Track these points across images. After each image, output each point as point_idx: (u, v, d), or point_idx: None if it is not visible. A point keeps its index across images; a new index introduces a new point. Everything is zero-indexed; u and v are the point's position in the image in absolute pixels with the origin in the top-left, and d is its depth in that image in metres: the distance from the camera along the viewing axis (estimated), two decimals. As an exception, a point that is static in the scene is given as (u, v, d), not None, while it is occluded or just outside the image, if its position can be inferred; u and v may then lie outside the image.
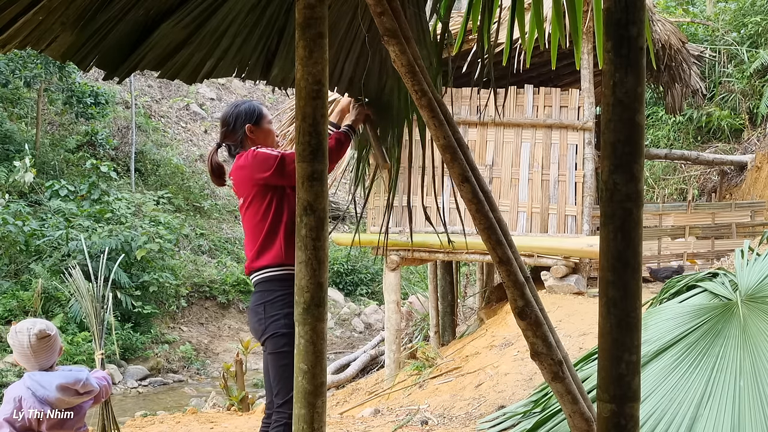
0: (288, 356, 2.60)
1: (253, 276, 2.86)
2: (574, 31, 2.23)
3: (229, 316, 14.87)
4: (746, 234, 8.33)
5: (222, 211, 18.21)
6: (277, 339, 2.72)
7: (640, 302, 1.15)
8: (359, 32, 2.62)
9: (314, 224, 1.43)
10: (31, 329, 2.62)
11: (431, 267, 9.67)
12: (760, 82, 12.75)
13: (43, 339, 2.63)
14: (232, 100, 22.25)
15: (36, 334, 2.61)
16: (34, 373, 2.63)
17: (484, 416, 4.70)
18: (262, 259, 2.82)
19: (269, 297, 2.77)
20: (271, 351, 2.75)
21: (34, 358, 2.62)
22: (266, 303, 2.77)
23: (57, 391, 2.58)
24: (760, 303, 3.26)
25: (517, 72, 6.53)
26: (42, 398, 2.58)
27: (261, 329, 2.78)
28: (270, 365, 2.78)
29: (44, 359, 2.65)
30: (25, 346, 2.61)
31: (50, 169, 15.46)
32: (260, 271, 2.82)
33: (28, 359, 2.63)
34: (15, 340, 2.63)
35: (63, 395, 2.59)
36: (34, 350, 2.61)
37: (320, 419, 1.42)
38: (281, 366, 2.70)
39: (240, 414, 5.85)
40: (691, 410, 2.89)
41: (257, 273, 2.83)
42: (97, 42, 2.01)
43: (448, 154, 1.97)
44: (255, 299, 2.85)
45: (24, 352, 2.62)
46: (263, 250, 2.82)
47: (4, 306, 11.21)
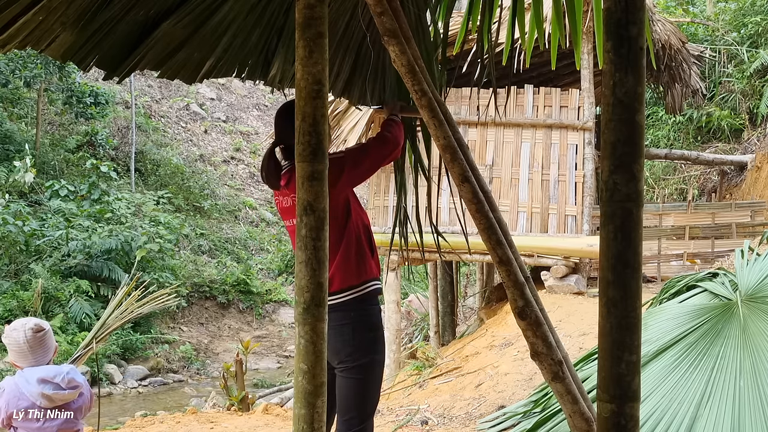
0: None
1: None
2: (574, 31, 2.23)
3: (229, 316, 14.87)
4: (746, 234, 8.33)
5: (222, 211, 18.21)
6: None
7: (640, 302, 1.15)
8: (357, 32, 2.62)
9: (314, 224, 1.43)
10: (25, 324, 2.67)
11: (431, 267, 9.68)
12: (760, 82, 12.75)
13: (38, 333, 2.66)
14: (232, 100, 22.28)
15: (31, 328, 2.66)
16: (24, 369, 2.65)
17: (484, 416, 4.70)
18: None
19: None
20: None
21: (30, 353, 2.65)
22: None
23: (38, 385, 2.59)
24: (760, 303, 3.26)
25: (517, 72, 6.53)
26: (27, 393, 2.59)
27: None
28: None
29: (40, 354, 2.67)
30: (20, 342, 2.64)
31: (50, 169, 15.46)
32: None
33: (24, 355, 2.65)
34: (10, 338, 2.66)
35: (44, 389, 2.60)
36: (30, 345, 2.64)
37: (320, 419, 1.42)
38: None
39: (240, 414, 5.85)
40: (691, 410, 2.89)
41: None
42: (97, 42, 2.00)
43: (448, 154, 1.98)
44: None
45: (20, 348, 2.65)
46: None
47: (4, 306, 11.21)
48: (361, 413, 2.58)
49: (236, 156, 20.72)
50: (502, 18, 4.15)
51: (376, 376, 2.63)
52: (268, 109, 22.65)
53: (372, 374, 2.60)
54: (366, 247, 2.64)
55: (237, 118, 21.99)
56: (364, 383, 2.58)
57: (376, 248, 2.74)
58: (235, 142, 21.07)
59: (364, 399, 2.59)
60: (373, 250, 2.68)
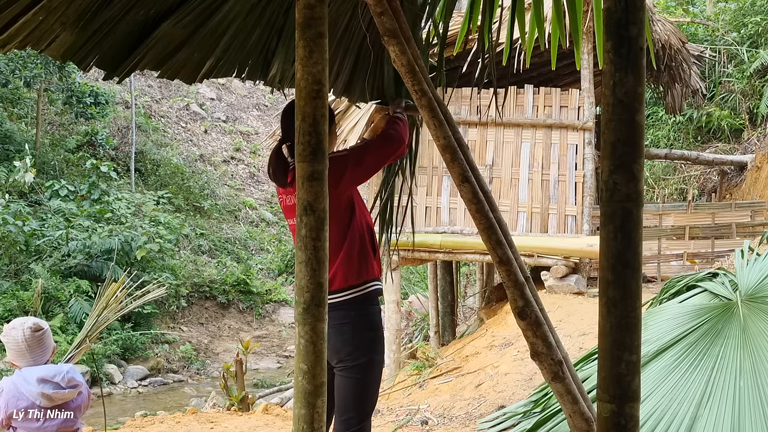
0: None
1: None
2: (574, 31, 2.23)
3: (229, 316, 14.87)
4: (746, 234, 8.33)
5: (222, 211, 18.21)
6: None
7: (640, 302, 1.15)
8: (357, 32, 2.62)
9: (314, 224, 1.43)
10: (24, 323, 2.69)
11: (431, 267, 9.67)
12: (760, 82, 12.75)
13: (36, 332, 2.67)
14: (232, 100, 22.27)
15: (30, 327, 2.67)
16: (23, 369, 2.66)
17: (484, 416, 4.70)
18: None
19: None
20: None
21: (29, 352, 2.65)
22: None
23: (38, 384, 2.60)
24: (760, 303, 3.25)
25: (517, 72, 6.53)
26: (26, 393, 2.59)
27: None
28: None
29: (38, 353, 2.67)
30: (19, 341, 2.65)
31: (50, 169, 15.46)
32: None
33: (23, 354, 2.66)
34: (9, 336, 2.67)
35: (44, 389, 2.60)
36: (29, 343, 2.65)
37: (320, 419, 1.42)
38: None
39: (240, 414, 5.85)
40: (691, 410, 2.89)
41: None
42: (97, 42, 2.00)
43: (448, 154, 1.98)
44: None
45: (19, 347, 2.66)
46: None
47: (4, 306, 11.22)
48: (359, 413, 2.58)
49: (236, 156, 20.73)
50: (502, 18, 4.14)
51: (375, 375, 2.63)
52: (268, 109, 22.65)
53: (371, 374, 2.60)
54: (369, 247, 2.63)
55: (237, 118, 21.99)
56: (363, 383, 2.58)
57: (379, 249, 2.74)
58: (235, 142, 21.07)
59: (363, 399, 2.59)
60: (375, 251, 2.67)
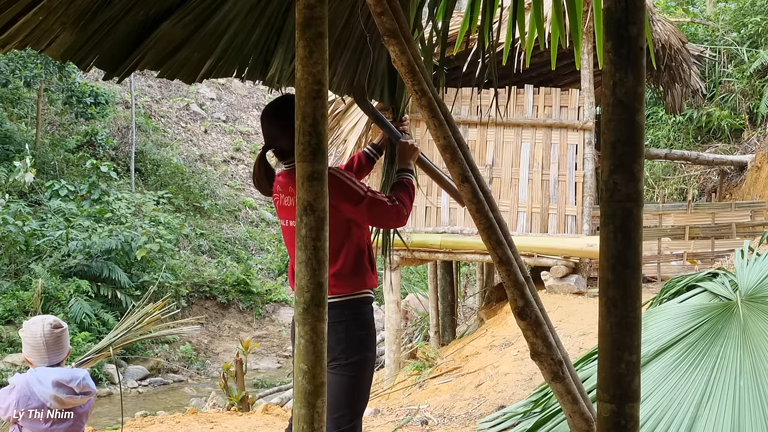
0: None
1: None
2: (574, 31, 2.23)
3: (229, 316, 14.87)
4: (746, 234, 8.33)
5: (222, 211, 18.21)
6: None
7: (640, 302, 1.15)
8: (355, 31, 2.62)
9: (314, 224, 1.43)
10: (45, 319, 2.70)
11: (431, 267, 9.67)
12: (760, 82, 12.75)
13: (56, 329, 2.68)
14: (232, 100, 22.27)
15: (50, 323, 2.68)
16: (37, 368, 2.65)
17: (484, 416, 4.70)
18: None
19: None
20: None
21: (46, 350, 2.66)
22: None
23: (52, 387, 2.59)
24: (760, 303, 3.25)
25: (517, 72, 6.53)
26: (38, 394, 2.59)
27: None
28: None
29: (54, 352, 2.68)
30: (38, 336, 2.65)
31: (50, 169, 15.46)
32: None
33: (39, 352, 2.66)
34: (28, 331, 2.68)
35: (58, 392, 2.60)
36: (47, 340, 2.65)
37: (320, 419, 1.42)
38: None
39: (240, 414, 5.84)
40: (691, 410, 2.89)
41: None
42: (97, 42, 2.01)
43: (448, 154, 1.97)
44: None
45: (36, 343, 2.66)
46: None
47: (4, 306, 11.22)
48: (351, 411, 2.59)
49: (236, 156, 20.73)
50: (502, 18, 4.14)
51: (367, 374, 2.64)
52: (268, 109, 22.59)
53: (363, 372, 2.61)
54: (366, 261, 2.64)
55: (237, 118, 21.99)
56: (356, 381, 2.59)
57: (376, 264, 2.75)
58: (235, 142, 21.08)
59: (356, 397, 2.60)
60: (373, 267, 2.68)
